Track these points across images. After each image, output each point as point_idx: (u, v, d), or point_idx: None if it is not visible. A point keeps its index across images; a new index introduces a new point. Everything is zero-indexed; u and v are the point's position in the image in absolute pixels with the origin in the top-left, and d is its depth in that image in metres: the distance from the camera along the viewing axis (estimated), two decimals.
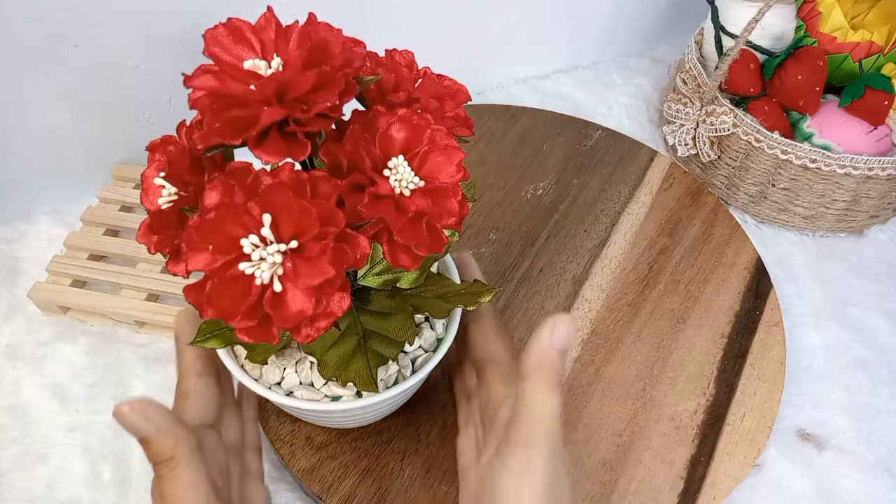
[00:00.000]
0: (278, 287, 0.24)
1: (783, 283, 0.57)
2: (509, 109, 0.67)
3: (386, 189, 0.27)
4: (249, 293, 0.24)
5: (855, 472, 0.48)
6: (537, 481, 0.30)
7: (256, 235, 0.24)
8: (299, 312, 0.24)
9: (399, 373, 0.36)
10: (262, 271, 0.24)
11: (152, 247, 0.29)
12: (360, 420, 0.40)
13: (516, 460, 0.31)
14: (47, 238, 0.56)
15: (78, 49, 0.49)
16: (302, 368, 0.35)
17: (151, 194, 0.29)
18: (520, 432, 0.31)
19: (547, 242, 0.57)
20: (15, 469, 0.45)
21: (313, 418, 0.40)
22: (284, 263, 0.24)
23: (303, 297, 0.24)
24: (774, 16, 0.58)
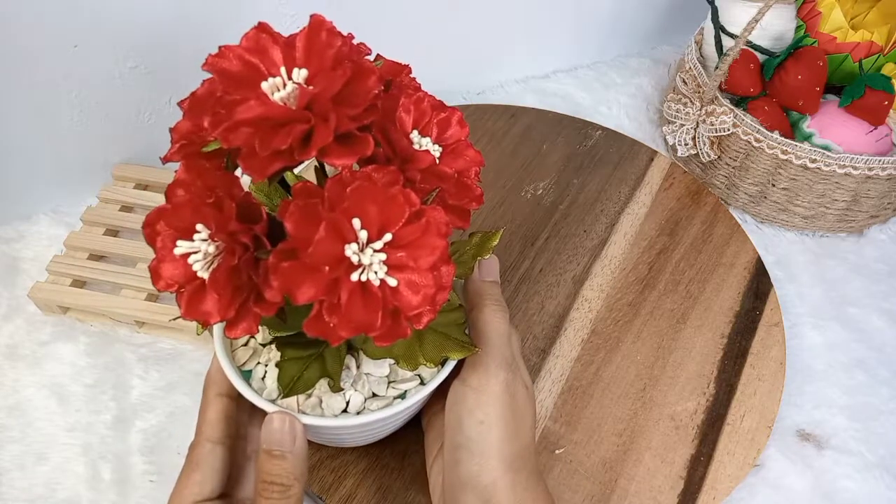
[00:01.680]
0: (393, 282, 0.24)
1: (783, 283, 0.57)
2: (509, 109, 0.67)
3: (428, 160, 0.27)
4: (375, 299, 0.24)
5: (855, 472, 0.48)
6: (496, 391, 0.33)
7: (355, 243, 0.24)
8: (424, 297, 0.24)
9: None
10: (374, 273, 0.24)
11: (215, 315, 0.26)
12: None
13: (476, 379, 0.34)
14: (47, 238, 0.56)
15: (78, 49, 0.49)
16: (362, 385, 0.35)
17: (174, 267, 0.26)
18: (477, 354, 0.34)
19: (547, 242, 0.57)
20: (15, 469, 0.45)
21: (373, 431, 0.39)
22: (389, 259, 0.24)
23: (420, 280, 0.24)
24: (774, 16, 0.58)
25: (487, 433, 0.33)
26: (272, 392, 0.34)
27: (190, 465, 0.33)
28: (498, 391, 0.33)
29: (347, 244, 0.24)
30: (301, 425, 0.31)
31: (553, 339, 0.51)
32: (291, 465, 0.30)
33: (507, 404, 0.33)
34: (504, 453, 0.33)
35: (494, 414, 0.33)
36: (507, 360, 0.34)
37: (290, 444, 0.31)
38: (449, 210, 0.29)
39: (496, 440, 0.33)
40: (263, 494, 0.30)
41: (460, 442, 0.34)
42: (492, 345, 0.35)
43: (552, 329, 0.51)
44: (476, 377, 0.34)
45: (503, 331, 0.35)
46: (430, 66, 0.69)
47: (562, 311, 0.52)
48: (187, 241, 0.26)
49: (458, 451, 0.34)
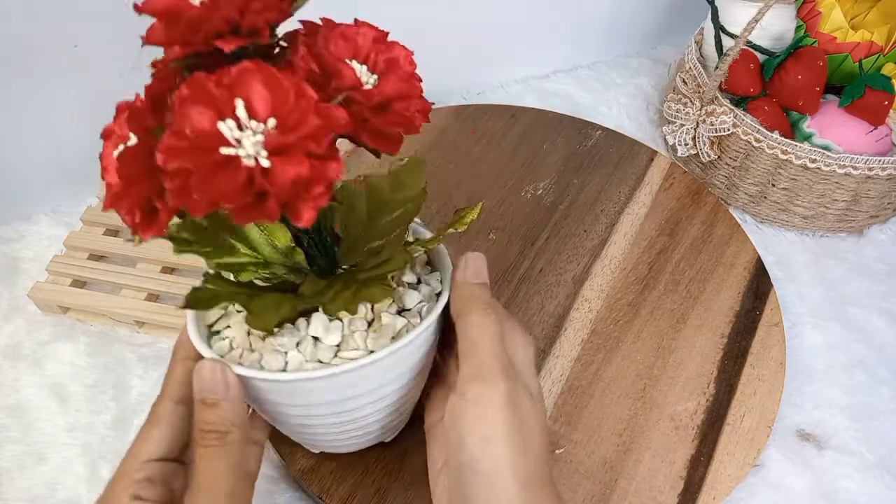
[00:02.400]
0: (267, 163, 0.23)
1: (783, 283, 0.57)
2: (509, 109, 0.67)
3: (351, 78, 0.26)
4: (238, 173, 0.23)
5: (855, 472, 0.48)
6: (498, 403, 0.31)
7: (232, 120, 0.23)
8: (295, 177, 0.23)
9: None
10: (245, 151, 0.23)
11: (124, 211, 0.26)
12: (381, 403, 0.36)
13: (474, 391, 0.31)
14: (47, 238, 0.56)
15: (78, 49, 0.49)
16: (305, 346, 0.33)
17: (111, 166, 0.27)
18: (471, 365, 0.32)
19: (547, 242, 0.57)
20: (15, 469, 0.45)
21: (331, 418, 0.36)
22: (268, 141, 0.24)
23: (295, 161, 0.23)
24: (774, 16, 0.58)
25: (493, 451, 0.30)
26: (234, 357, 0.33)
27: (149, 421, 0.32)
28: (499, 403, 0.31)
29: (222, 120, 0.24)
30: (233, 373, 0.30)
31: (553, 339, 0.51)
32: (226, 411, 0.30)
33: (510, 417, 0.31)
34: (516, 471, 0.30)
35: (498, 429, 0.31)
36: (504, 368, 0.32)
37: (224, 391, 0.30)
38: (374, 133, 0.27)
39: (504, 458, 0.30)
40: (201, 443, 0.30)
41: (464, 461, 0.31)
42: (486, 352, 0.32)
43: (552, 329, 0.51)
44: (474, 389, 0.31)
45: (496, 335, 0.33)
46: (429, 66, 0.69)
47: (562, 311, 0.52)
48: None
49: (462, 472, 0.31)
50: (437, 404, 0.37)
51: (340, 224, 0.36)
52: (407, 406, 0.38)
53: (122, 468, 0.31)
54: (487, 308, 0.33)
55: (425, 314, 0.35)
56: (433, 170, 0.61)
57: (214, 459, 0.29)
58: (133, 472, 0.31)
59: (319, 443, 0.40)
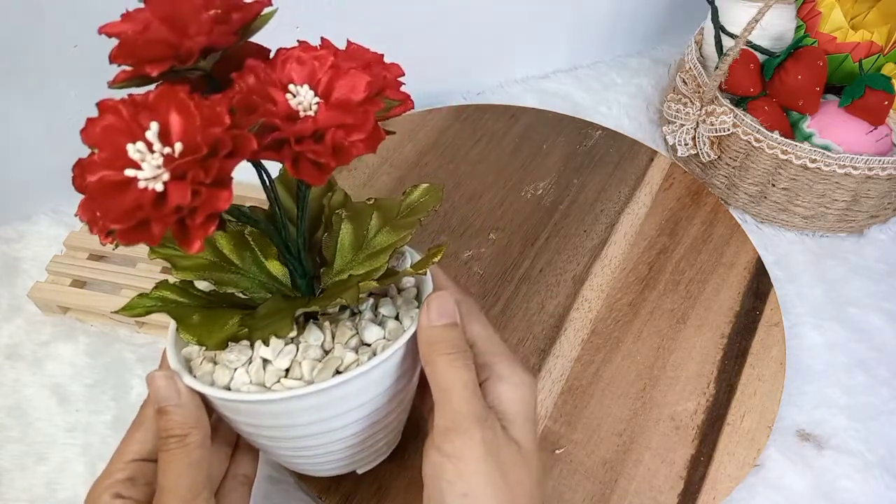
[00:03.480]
0: (160, 187, 0.23)
1: (783, 283, 0.57)
2: (509, 109, 0.67)
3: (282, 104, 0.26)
4: (128, 195, 0.23)
5: (855, 472, 0.48)
6: (475, 456, 0.29)
7: (143, 142, 0.24)
8: (177, 204, 0.23)
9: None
10: (144, 174, 0.23)
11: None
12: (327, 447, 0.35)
13: (450, 445, 0.30)
14: (47, 238, 0.56)
15: (78, 49, 0.49)
16: (253, 367, 0.32)
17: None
18: (444, 417, 0.30)
19: (547, 242, 0.57)
20: (15, 469, 0.45)
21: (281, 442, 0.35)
22: (166, 165, 0.23)
23: (180, 188, 0.23)
24: (774, 16, 0.58)
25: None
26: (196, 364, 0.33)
27: (135, 423, 0.33)
28: (476, 456, 0.29)
29: (133, 142, 0.24)
30: (182, 380, 0.31)
31: (553, 339, 0.51)
32: (181, 416, 0.30)
33: (490, 470, 0.29)
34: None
35: (477, 485, 0.29)
36: (478, 417, 0.30)
37: (176, 398, 0.31)
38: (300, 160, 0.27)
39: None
40: (161, 448, 0.30)
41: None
42: (458, 400, 0.30)
43: (552, 329, 0.51)
44: (450, 443, 0.29)
45: (465, 382, 0.30)
46: (429, 66, 0.69)
47: (562, 311, 0.52)
48: None
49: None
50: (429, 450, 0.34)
51: (330, 249, 0.35)
52: (375, 440, 0.36)
53: (108, 468, 0.32)
54: (452, 351, 0.31)
55: (379, 352, 0.32)
56: (433, 170, 0.61)
57: (174, 461, 0.30)
58: (116, 472, 0.32)
59: (285, 463, 0.38)
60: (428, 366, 0.31)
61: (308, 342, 0.32)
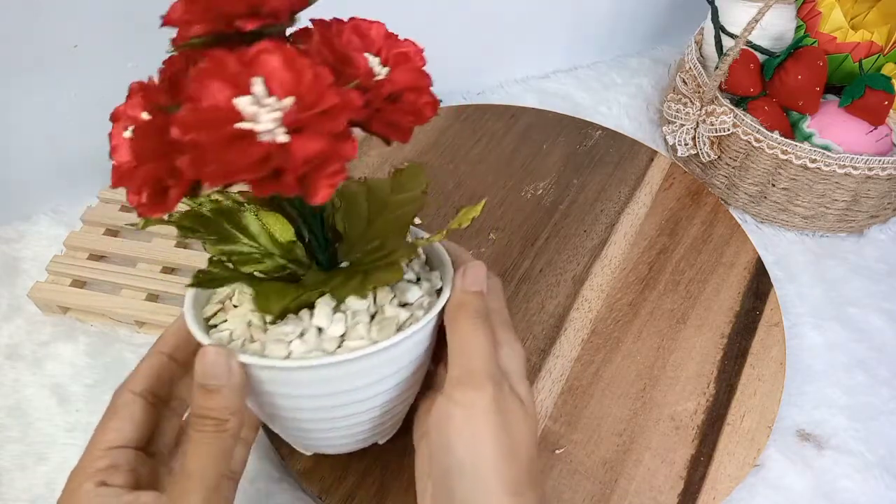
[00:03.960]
0: (284, 139, 0.23)
1: (783, 283, 0.57)
2: (509, 109, 0.67)
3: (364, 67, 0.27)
4: (253, 147, 0.23)
5: (855, 472, 0.48)
6: (486, 407, 0.31)
7: (250, 96, 0.24)
8: (313, 153, 0.23)
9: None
10: (263, 126, 0.23)
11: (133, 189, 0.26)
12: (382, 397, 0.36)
13: (461, 395, 0.31)
14: (47, 238, 0.56)
15: (78, 49, 0.49)
16: (309, 336, 0.32)
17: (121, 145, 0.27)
18: (460, 370, 0.32)
19: (547, 242, 0.57)
20: (15, 469, 0.45)
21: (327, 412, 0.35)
22: (286, 118, 0.24)
23: (313, 138, 0.24)
24: (774, 16, 0.58)
25: (479, 454, 0.30)
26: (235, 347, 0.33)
27: (108, 412, 0.32)
28: (486, 406, 0.31)
29: (239, 96, 0.24)
30: (237, 360, 0.30)
31: (553, 339, 0.51)
32: (226, 399, 0.29)
33: (498, 421, 0.31)
34: (503, 475, 0.30)
35: (485, 431, 0.31)
36: (492, 374, 0.32)
37: (226, 377, 0.29)
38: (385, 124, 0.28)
39: (491, 460, 0.30)
40: (196, 428, 0.29)
41: (451, 464, 0.31)
42: (474, 358, 0.32)
43: (552, 329, 0.51)
44: (461, 392, 0.32)
45: (484, 344, 0.33)
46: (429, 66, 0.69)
47: (562, 311, 0.52)
48: None
49: (449, 475, 0.31)
50: (427, 414, 0.36)
51: (341, 223, 0.36)
52: (401, 407, 0.38)
53: (85, 457, 0.31)
54: (477, 316, 0.33)
55: (427, 308, 0.35)
56: (433, 170, 0.61)
57: (207, 445, 0.29)
58: (95, 461, 0.31)
59: (312, 441, 0.39)
60: (451, 324, 0.33)
61: (354, 308, 0.33)
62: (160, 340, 0.35)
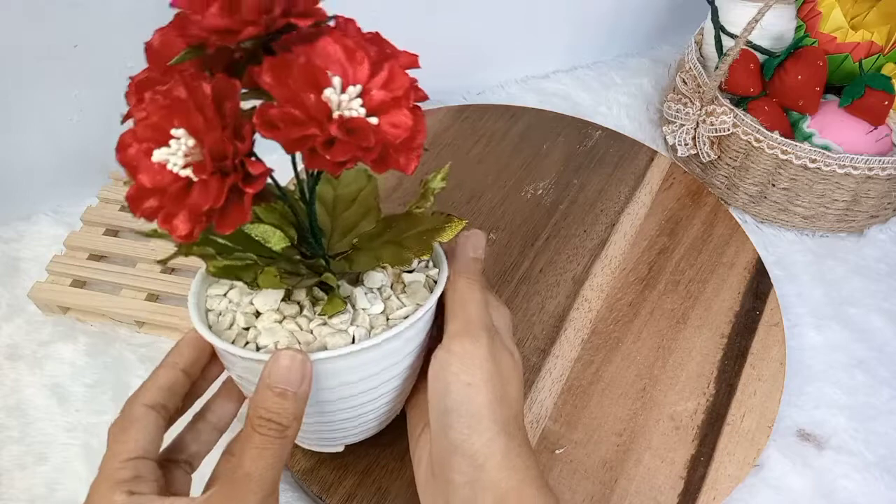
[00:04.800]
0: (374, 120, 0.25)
1: (783, 283, 0.57)
2: (509, 109, 0.67)
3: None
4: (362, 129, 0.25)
5: (855, 472, 0.48)
6: (481, 355, 0.34)
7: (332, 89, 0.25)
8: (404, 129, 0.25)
9: None
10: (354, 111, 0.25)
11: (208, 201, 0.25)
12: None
13: (459, 345, 0.34)
14: (47, 238, 0.56)
15: (78, 49, 0.49)
16: (363, 319, 0.34)
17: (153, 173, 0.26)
18: (457, 324, 0.35)
19: (547, 242, 0.57)
20: (15, 469, 0.45)
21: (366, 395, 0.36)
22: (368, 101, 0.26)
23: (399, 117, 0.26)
24: (774, 16, 0.58)
25: (475, 395, 0.33)
26: None
27: (123, 423, 0.32)
28: (482, 354, 0.34)
29: (325, 88, 0.25)
30: (311, 363, 0.30)
31: (553, 339, 0.51)
32: (293, 405, 0.29)
33: (491, 368, 0.34)
34: (496, 415, 0.33)
35: (480, 376, 0.33)
36: (487, 327, 0.35)
37: (298, 383, 0.30)
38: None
39: (485, 401, 0.33)
40: (259, 430, 0.29)
41: (449, 406, 0.33)
42: (469, 311, 0.35)
43: (552, 329, 0.51)
44: (458, 342, 0.34)
45: (481, 301, 0.36)
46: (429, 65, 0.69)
47: (562, 311, 0.52)
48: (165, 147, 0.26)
49: (447, 416, 0.33)
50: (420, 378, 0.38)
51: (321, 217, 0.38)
52: (404, 392, 0.39)
53: (106, 468, 0.31)
54: (473, 277, 0.37)
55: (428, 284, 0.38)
56: (433, 170, 0.61)
57: (269, 449, 0.29)
58: (117, 472, 0.31)
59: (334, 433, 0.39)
60: (451, 284, 0.36)
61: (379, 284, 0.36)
62: (175, 351, 0.35)
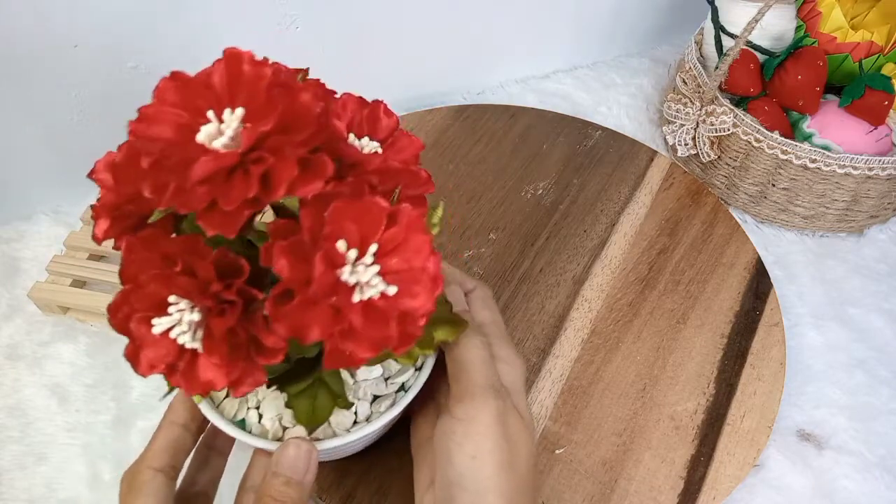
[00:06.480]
0: (392, 290, 0.24)
1: (783, 283, 0.57)
2: (509, 109, 0.67)
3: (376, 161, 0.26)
4: (382, 312, 0.24)
5: (855, 472, 0.48)
6: (487, 421, 0.32)
7: (346, 266, 0.24)
8: (425, 294, 0.24)
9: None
10: (373, 288, 0.24)
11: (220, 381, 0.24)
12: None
13: (463, 410, 0.32)
14: (47, 238, 0.56)
15: (78, 49, 0.49)
16: (363, 392, 0.34)
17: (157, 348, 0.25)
18: (461, 386, 0.33)
19: (547, 242, 0.57)
20: (15, 469, 0.45)
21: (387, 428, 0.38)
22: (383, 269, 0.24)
23: (417, 280, 0.24)
24: (774, 16, 0.58)
25: (480, 468, 0.31)
26: (277, 432, 0.33)
27: (131, 490, 0.32)
28: (487, 421, 0.32)
29: (340, 269, 0.24)
30: (316, 453, 0.31)
31: (553, 339, 0.51)
32: (297, 492, 0.30)
33: (498, 435, 0.32)
34: (501, 488, 0.31)
35: (486, 446, 0.32)
36: (493, 387, 0.33)
37: (303, 472, 0.31)
38: (409, 201, 0.28)
39: (491, 475, 0.31)
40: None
41: (452, 478, 0.32)
42: (473, 371, 0.33)
43: (552, 329, 0.51)
44: (462, 408, 0.32)
45: (485, 357, 0.34)
46: (429, 66, 0.69)
47: (562, 311, 0.52)
48: (164, 316, 0.25)
49: (451, 488, 0.32)
50: (425, 424, 0.37)
51: None
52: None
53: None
54: (474, 328, 0.34)
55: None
56: (432, 170, 0.61)
57: None
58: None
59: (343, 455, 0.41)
60: (447, 343, 0.34)
61: None
62: (171, 410, 0.34)
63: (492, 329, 0.36)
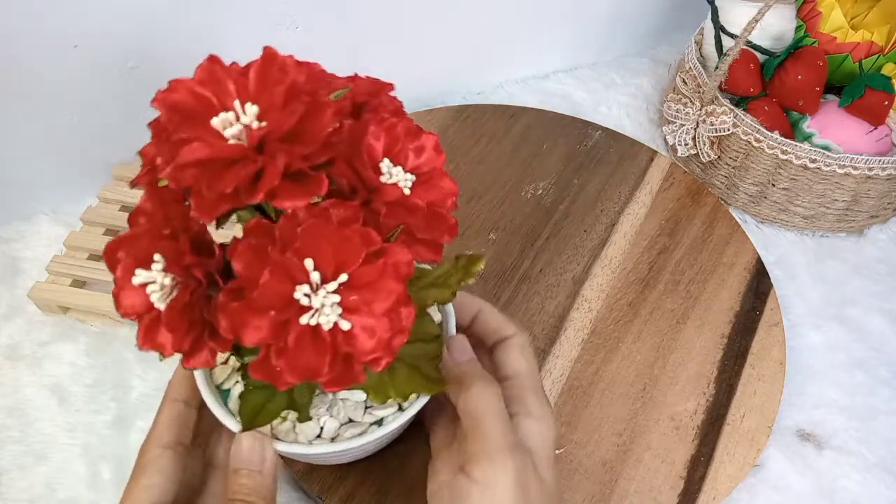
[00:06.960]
0: (346, 325, 0.23)
1: (783, 283, 0.57)
2: (509, 109, 0.67)
3: (395, 193, 0.26)
4: (325, 343, 0.23)
5: (855, 472, 0.48)
6: (505, 485, 0.29)
7: (306, 284, 0.23)
8: (378, 341, 0.23)
9: None
10: (325, 316, 0.23)
11: (168, 348, 0.26)
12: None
13: (480, 471, 0.30)
14: (47, 238, 0.56)
15: (78, 49, 0.49)
16: (338, 409, 0.33)
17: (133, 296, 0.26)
18: (476, 443, 0.30)
19: (547, 242, 0.57)
20: (15, 469, 0.45)
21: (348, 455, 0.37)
22: (343, 300, 0.23)
23: (375, 324, 0.23)
24: (774, 16, 0.58)
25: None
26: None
27: (138, 468, 0.32)
28: (506, 485, 0.29)
29: (298, 285, 0.23)
30: (272, 448, 0.31)
31: (553, 339, 0.51)
32: (258, 484, 0.30)
33: (519, 497, 0.29)
34: None
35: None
36: (511, 446, 0.30)
37: (259, 464, 0.30)
38: (418, 243, 0.27)
39: None
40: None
41: None
42: (488, 428, 0.30)
43: (552, 329, 0.51)
44: (479, 469, 0.30)
45: (497, 410, 0.31)
46: (429, 66, 0.69)
47: (562, 311, 0.52)
48: (145, 270, 0.25)
49: None
50: (442, 468, 0.35)
51: None
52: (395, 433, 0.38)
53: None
54: (483, 380, 0.32)
55: None
56: None
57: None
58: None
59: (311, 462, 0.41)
60: (457, 396, 0.32)
61: None
62: (171, 388, 0.35)
63: (525, 382, 0.34)
